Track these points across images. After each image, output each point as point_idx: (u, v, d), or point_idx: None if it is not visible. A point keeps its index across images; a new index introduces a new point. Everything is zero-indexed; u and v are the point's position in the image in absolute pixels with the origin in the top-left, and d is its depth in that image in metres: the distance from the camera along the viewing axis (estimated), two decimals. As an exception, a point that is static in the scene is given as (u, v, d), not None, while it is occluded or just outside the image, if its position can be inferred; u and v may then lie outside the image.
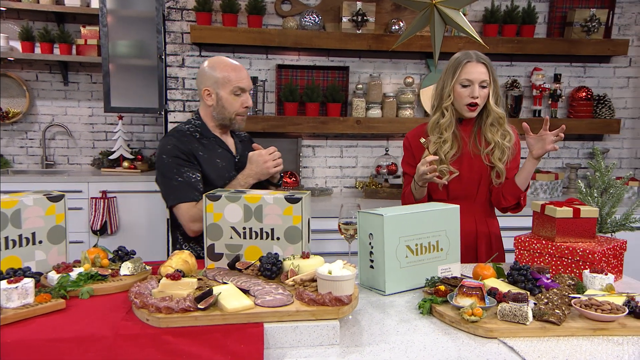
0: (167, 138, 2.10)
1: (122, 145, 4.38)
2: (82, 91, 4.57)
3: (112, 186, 4.03)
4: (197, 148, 2.08)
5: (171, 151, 2.04)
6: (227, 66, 2.09)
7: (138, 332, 1.16)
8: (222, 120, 2.13)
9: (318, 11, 3.54)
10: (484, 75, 2.08)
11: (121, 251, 1.62)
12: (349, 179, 3.79)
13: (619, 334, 1.31)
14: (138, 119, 4.68)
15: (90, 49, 4.39)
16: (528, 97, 3.88)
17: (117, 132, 4.40)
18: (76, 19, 4.48)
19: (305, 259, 1.50)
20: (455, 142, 2.15)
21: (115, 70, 4.15)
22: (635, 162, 4.07)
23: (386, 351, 1.24)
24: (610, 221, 1.86)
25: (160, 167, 2.06)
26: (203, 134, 2.14)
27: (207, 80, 2.10)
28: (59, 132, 4.56)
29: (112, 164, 4.40)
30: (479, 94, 2.08)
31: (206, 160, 2.08)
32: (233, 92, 2.08)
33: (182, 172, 2.01)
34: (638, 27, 3.93)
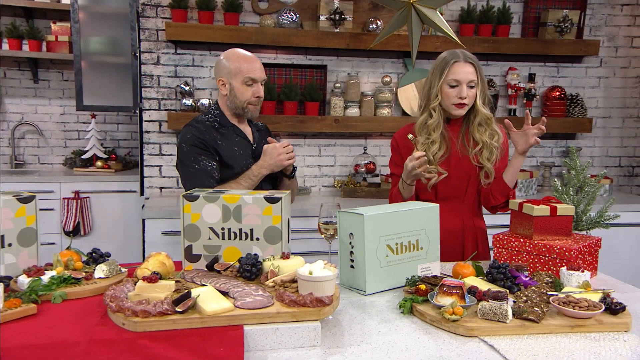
0: (187, 127, 2.24)
1: (95, 144, 4.29)
2: (53, 89, 4.47)
3: (85, 186, 3.95)
4: (215, 137, 2.21)
5: (190, 140, 2.18)
6: (240, 57, 2.21)
7: (114, 337, 1.13)
8: (236, 109, 2.25)
9: (295, 9, 3.51)
10: (471, 75, 2.07)
11: (95, 253, 1.58)
12: (327, 178, 3.78)
13: (595, 330, 1.33)
14: (112, 118, 4.60)
15: (61, 46, 4.29)
16: (504, 96, 3.93)
17: (89, 131, 4.31)
18: (46, 14, 4.38)
19: (286, 259, 1.48)
20: (444, 142, 2.14)
21: (87, 67, 4.05)
22: (606, 160, 4.16)
23: (368, 352, 1.23)
24: (586, 219, 1.89)
25: (180, 154, 2.21)
26: (221, 124, 2.26)
27: (221, 71, 2.23)
28: (29, 131, 4.45)
29: (84, 164, 4.30)
30: (467, 94, 2.07)
31: (224, 149, 2.20)
32: (244, 82, 2.19)
33: (199, 160, 2.16)
34: (608, 28, 4.01)
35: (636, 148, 4.18)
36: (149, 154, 3.46)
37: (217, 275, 1.49)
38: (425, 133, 2.15)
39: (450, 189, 2.15)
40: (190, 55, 3.46)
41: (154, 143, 3.47)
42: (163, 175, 3.51)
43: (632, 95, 4.12)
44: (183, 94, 3.39)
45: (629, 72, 4.09)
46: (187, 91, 3.38)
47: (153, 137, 3.46)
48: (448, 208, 2.12)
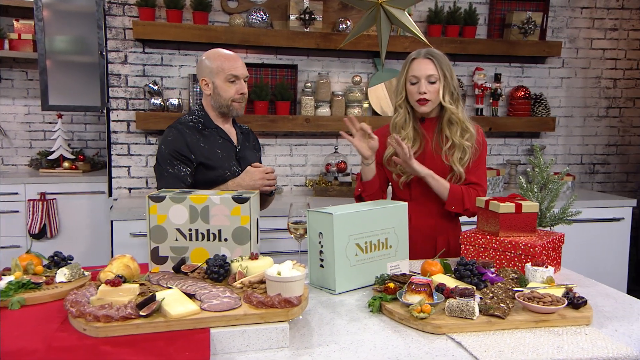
0: (169, 129, 2.21)
1: (62, 144, 4.16)
2: (17, 88, 4.32)
3: (51, 187, 3.82)
4: (197, 139, 2.19)
5: (169, 143, 2.16)
6: (221, 56, 2.20)
7: (74, 343, 1.08)
8: (220, 108, 2.22)
9: (265, 9, 3.47)
10: (430, 70, 2.05)
11: (57, 257, 1.51)
12: (299, 178, 3.75)
13: (559, 324, 1.34)
14: (79, 118, 4.47)
15: (25, 44, 4.15)
16: (471, 95, 3.97)
17: (56, 131, 4.18)
18: (8, 11, 4.22)
19: (254, 260, 1.45)
20: (417, 139, 2.12)
21: (53, 66, 3.93)
22: (569, 158, 4.24)
23: (336, 352, 1.21)
24: (550, 215, 1.91)
25: (158, 155, 2.19)
26: (205, 125, 2.24)
27: (203, 71, 2.21)
28: (-8, 132, 4.30)
29: (51, 165, 4.17)
30: (427, 89, 2.04)
31: (207, 151, 2.18)
32: (227, 80, 2.17)
33: (174, 164, 2.14)
34: (569, 30, 4.09)
35: (596, 146, 4.28)
36: (117, 155, 3.38)
37: (184, 277, 1.45)
38: (396, 131, 2.14)
39: (424, 187, 2.11)
40: (159, 55, 3.38)
41: (122, 143, 3.38)
42: (132, 175, 3.43)
43: (592, 95, 4.21)
44: (152, 94, 3.31)
45: (589, 72, 4.18)
46: (156, 90, 3.31)
47: (121, 137, 3.38)
48: (421, 207, 2.13)
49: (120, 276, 1.30)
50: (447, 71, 2.08)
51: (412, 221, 2.11)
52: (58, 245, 3.80)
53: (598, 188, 4.32)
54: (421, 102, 2.07)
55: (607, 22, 4.16)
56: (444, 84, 2.07)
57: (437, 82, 2.06)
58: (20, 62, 4.29)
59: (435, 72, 2.06)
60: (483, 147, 2.15)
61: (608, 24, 4.17)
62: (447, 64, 2.09)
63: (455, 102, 2.10)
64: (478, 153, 2.12)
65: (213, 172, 2.18)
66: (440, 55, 2.11)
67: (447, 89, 2.08)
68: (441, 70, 2.07)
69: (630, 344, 1.27)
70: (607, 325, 1.38)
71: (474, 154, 2.11)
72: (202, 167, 2.18)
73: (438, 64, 2.07)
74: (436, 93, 2.07)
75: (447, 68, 2.09)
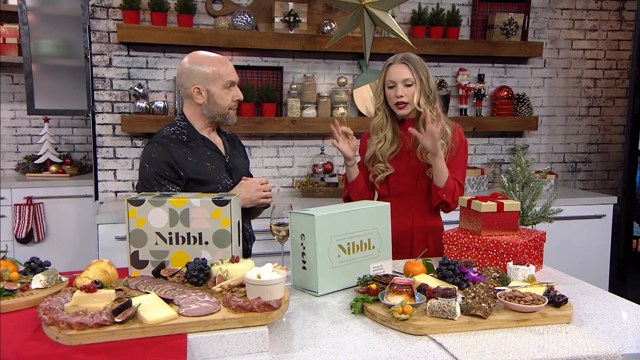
0: (152, 145, 1.96)
1: (49, 148, 4.09)
2: (3, 92, 4.24)
3: (38, 192, 3.76)
4: (185, 153, 1.96)
5: (154, 161, 1.92)
6: (215, 60, 1.98)
7: (45, 352, 1.04)
8: (215, 118, 2.01)
9: (250, 11, 3.43)
10: (405, 74, 2.09)
11: (34, 262, 1.46)
12: (286, 179, 3.71)
13: (540, 323, 1.32)
14: (66, 122, 4.40)
15: (10, 48, 4.08)
16: (455, 96, 3.95)
17: (43, 135, 4.10)
18: (-6, 16, 4.16)
19: (235, 263, 1.41)
20: (396, 140, 2.17)
21: (39, 70, 3.87)
22: (552, 157, 4.24)
23: (317, 355, 1.18)
24: (531, 213, 1.89)
25: (142, 174, 1.94)
26: (190, 136, 2.00)
27: (195, 78, 1.95)
28: (-22, 136, 4.22)
29: (38, 169, 4.10)
30: (403, 92, 2.09)
31: (195, 165, 1.96)
32: (225, 87, 1.98)
33: (161, 184, 1.90)
34: (550, 31, 4.09)
35: (578, 145, 4.28)
36: (103, 158, 3.32)
37: (164, 281, 1.40)
38: (375, 133, 2.21)
39: (401, 185, 2.16)
40: (144, 57, 3.33)
41: (107, 146, 3.32)
42: (118, 179, 3.37)
43: (573, 95, 4.21)
44: (137, 97, 3.26)
45: (570, 72, 4.18)
46: (141, 93, 3.25)
47: (107, 141, 3.32)
48: (400, 205, 2.16)
49: (97, 282, 1.26)
50: (423, 75, 2.12)
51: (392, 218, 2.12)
52: (45, 249, 3.74)
53: (580, 186, 4.33)
54: (399, 105, 2.12)
55: (586, 23, 4.17)
56: (419, 87, 2.11)
57: (412, 86, 2.11)
58: (5, 66, 4.21)
59: (410, 76, 2.10)
60: (461, 145, 2.16)
61: (587, 25, 4.17)
62: (422, 68, 2.13)
63: (432, 103, 2.13)
64: (454, 151, 2.12)
65: (204, 188, 1.96)
66: (415, 59, 2.14)
67: (422, 92, 2.12)
68: (417, 74, 2.11)
69: (610, 341, 1.25)
70: (587, 323, 1.36)
71: (449, 152, 2.12)
72: (193, 183, 1.96)
73: (413, 68, 2.11)
74: (412, 96, 2.12)
75: (423, 72, 2.12)
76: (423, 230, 2.15)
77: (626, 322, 1.38)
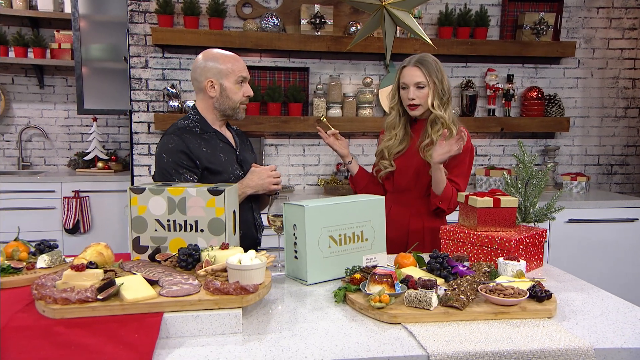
0: (168, 136, 2.01)
1: (97, 146, 4.29)
2: (58, 94, 4.48)
3: (85, 186, 3.95)
4: (199, 144, 2.00)
5: (171, 151, 1.96)
6: (229, 57, 2.04)
7: (30, 323, 1.10)
8: (226, 111, 2.06)
9: (278, 14, 3.48)
10: (417, 77, 2.10)
11: (42, 244, 1.55)
12: (311, 177, 3.73)
13: (518, 317, 1.27)
14: (113, 121, 4.60)
15: (65, 53, 4.30)
16: (483, 96, 3.84)
17: (91, 133, 4.31)
18: (51, 23, 4.39)
19: (224, 249, 1.44)
20: (405, 139, 2.20)
21: (88, 73, 4.08)
22: (585, 159, 4.05)
23: (287, 338, 1.18)
24: (534, 211, 1.81)
25: (160, 164, 1.98)
26: (203, 129, 2.05)
27: (209, 72, 2.01)
28: (35, 134, 4.47)
29: (87, 165, 4.31)
30: (415, 94, 2.10)
31: (210, 155, 2.00)
32: (237, 82, 2.03)
33: (180, 172, 1.94)
34: (585, 31, 3.91)
35: (614, 147, 4.07)
36: (139, 154, 3.45)
37: (157, 265, 1.45)
38: (388, 131, 2.25)
39: (402, 182, 2.19)
40: (177, 59, 3.44)
41: (143, 143, 3.45)
42: (152, 174, 3.49)
43: (609, 95, 4.01)
44: (170, 96, 3.37)
45: (607, 72, 3.98)
46: (174, 93, 3.36)
47: (142, 138, 3.45)
48: (399, 200, 2.20)
49: (92, 262, 1.31)
50: (436, 77, 2.11)
51: (391, 213, 2.12)
52: (90, 239, 3.91)
53: (616, 189, 4.11)
54: (411, 107, 2.14)
55: (625, 22, 3.96)
56: (432, 89, 2.11)
57: (425, 88, 2.11)
58: (60, 69, 4.45)
59: (423, 79, 2.10)
60: (466, 151, 2.11)
61: (626, 24, 3.96)
62: (436, 70, 2.12)
63: (445, 105, 2.13)
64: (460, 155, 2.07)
65: (218, 177, 2.00)
66: (429, 62, 2.13)
67: (435, 95, 2.12)
68: (429, 76, 2.10)
69: (587, 336, 1.18)
70: (570, 318, 1.30)
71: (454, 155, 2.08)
72: (207, 173, 2.00)
73: (426, 70, 2.11)
74: (425, 98, 2.12)
75: (437, 74, 2.12)
76: (420, 227, 2.15)
77: (611, 318, 1.30)
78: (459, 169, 2.11)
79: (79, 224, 3.95)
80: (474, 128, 3.73)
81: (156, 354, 1.08)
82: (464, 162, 2.13)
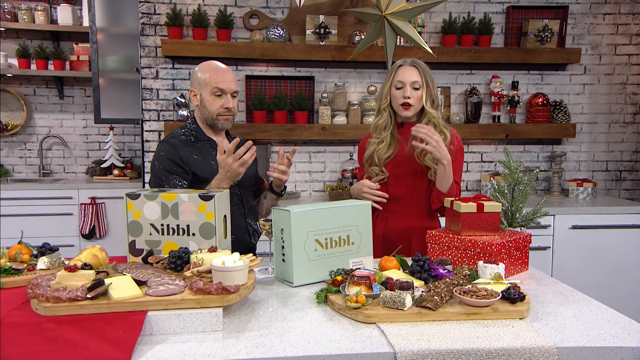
0: (161, 144, 2.10)
1: (113, 154, 4.42)
2: (77, 104, 4.63)
3: (101, 193, 4.07)
4: (190, 152, 2.06)
5: (162, 158, 2.05)
6: (211, 68, 2.09)
7: (23, 320, 1.17)
8: (206, 121, 2.11)
9: (284, 25, 3.56)
10: (415, 77, 2.11)
11: (45, 247, 1.63)
12: (317, 183, 3.78)
13: (490, 317, 1.29)
14: (129, 130, 4.73)
15: (83, 65, 4.46)
16: (488, 103, 3.85)
17: (108, 142, 4.45)
18: (71, 37, 4.56)
19: (212, 252, 1.50)
20: (393, 144, 2.16)
21: (105, 84, 4.21)
22: (593, 165, 4.02)
23: (264, 336, 1.23)
24: (520, 216, 1.83)
25: (153, 171, 2.08)
26: (197, 137, 2.12)
27: (194, 82, 2.11)
28: (55, 143, 4.62)
29: (104, 172, 4.44)
30: (411, 94, 2.10)
31: (200, 163, 2.06)
32: (213, 93, 2.05)
33: (169, 179, 2.01)
34: (591, 37, 3.90)
35: (623, 153, 4.03)
36: (149, 162, 3.55)
37: (148, 267, 1.51)
38: (377, 133, 2.20)
39: (398, 189, 2.16)
40: (187, 69, 3.54)
41: (154, 151, 3.54)
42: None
43: (617, 101, 3.98)
44: (179, 106, 3.47)
45: (614, 78, 3.96)
46: (183, 103, 3.46)
47: (153, 146, 3.55)
48: (397, 207, 2.18)
49: (87, 264, 1.39)
50: (430, 80, 2.14)
51: (388, 219, 2.13)
52: (106, 244, 4.03)
53: (626, 195, 4.06)
54: (404, 106, 2.12)
55: (632, 28, 3.93)
56: (426, 90, 2.13)
57: (420, 89, 2.12)
58: (79, 80, 4.60)
59: (419, 79, 2.12)
60: (458, 149, 2.15)
61: (633, 30, 3.93)
62: (429, 73, 2.15)
63: (436, 108, 2.15)
64: (453, 154, 2.08)
65: (206, 185, 2.01)
66: (424, 64, 2.17)
67: (429, 96, 2.14)
68: (424, 78, 2.12)
69: (553, 336, 1.21)
70: (542, 319, 1.32)
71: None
72: (196, 179, 2.05)
73: (422, 72, 2.13)
74: (419, 99, 2.13)
75: (430, 77, 2.15)
76: (421, 232, 2.11)
77: (582, 319, 1.32)
78: (455, 167, 2.10)
79: (95, 230, 4.07)
80: (479, 135, 3.75)
81: (138, 349, 1.15)
82: (459, 161, 2.15)
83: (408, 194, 2.15)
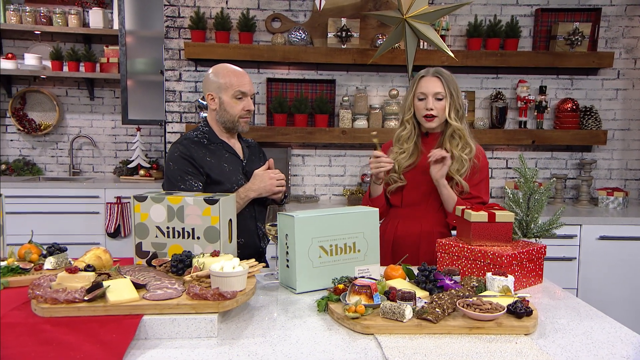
0: (174, 145, 2.12)
1: (140, 154, 4.50)
2: (106, 105, 4.73)
3: (126, 192, 4.13)
4: (204, 154, 2.08)
5: (177, 159, 2.06)
6: (230, 72, 2.11)
7: (20, 321, 1.18)
8: (226, 124, 2.12)
9: (306, 28, 3.54)
10: (437, 88, 2.07)
11: (53, 247, 1.65)
12: (337, 187, 3.75)
13: (493, 332, 1.24)
14: (156, 131, 4.80)
15: (112, 67, 4.55)
16: (514, 108, 3.74)
17: (135, 142, 4.53)
18: (102, 39, 4.66)
19: (214, 257, 1.49)
20: (415, 153, 2.15)
21: (133, 85, 4.29)
22: (625, 173, 3.85)
23: (258, 344, 1.21)
24: (535, 227, 1.76)
25: (167, 172, 2.09)
26: (210, 140, 2.14)
27: (211, 86, 2.11)
28: (85, 143, 4.73)
29: (130, 172, 4.52)
30: (434, 105, 2.07)
31: (213, 165, 2.08)
32: (234, 96, 2.08)
33: (185, 179, 2.02)
34: (626, 40, 3.74)
35: (658, 161, 3.85)
36: (171, 163, 3.59)
37: (151, 270, 1.51)
38: (399, 144, 2.18)
39: (413, 197, 2.14)
40: (209, 73, 3.56)
41: (175, 153, 3.59)
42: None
43: (652, 107, 3.80)
44: (201, 108, 3.50)
45: (649, 83, 3.78)
46: (205, 105, 3.48)
47: (175, 148, 3.58)
48: (410, 214, 2.15)
49: (90, 266, 1.40)
50: (454, 90, 2.09)
51: (399, 227, 2.09)
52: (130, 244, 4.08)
53: (661, 205, 3.87)
54: (428, 118, 2.09)
55: (670, 30, 3.75)
56: (450, 101, 2.08)
57: (443, 100, 2.08)
58: (109, 82, 4.70)
59: (442, 90, 2.08)
60: (483, 165, 2.11)
61: (671, 32, 3.75)
62: (453, 83, 2.11)
63: (460, 119, 2.11)
64: (477, 169, 2.06)
65: (220, 187, 2.05)
66: (448, 74, 2.12)
67: (452, 107, 2.09)
68: (448, 88, 2.08)
69: (558, 354, 1.14)
70: (549, 336, 1.25)
71: (471, 168, 2.08)
72: (209, 181, 2.06)
73: (445, 82, 2.09)
74: (442, 110, 2.09)
75: (454, 87, 2.10)
76: (430, 241, 2.08)
77: (592, 337, 1.25)
78: (482, 185, 2.10)
79: (120, 229, 4.14)
80: (504, 140, 3.64)
81: (130, 353, 1.14)
82: (482, 177, 2.11)
83: (423, 200, 2.13)
